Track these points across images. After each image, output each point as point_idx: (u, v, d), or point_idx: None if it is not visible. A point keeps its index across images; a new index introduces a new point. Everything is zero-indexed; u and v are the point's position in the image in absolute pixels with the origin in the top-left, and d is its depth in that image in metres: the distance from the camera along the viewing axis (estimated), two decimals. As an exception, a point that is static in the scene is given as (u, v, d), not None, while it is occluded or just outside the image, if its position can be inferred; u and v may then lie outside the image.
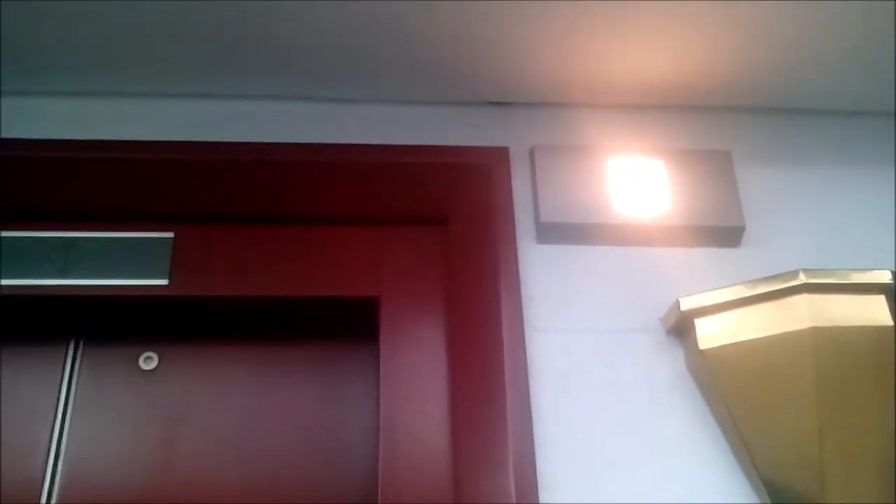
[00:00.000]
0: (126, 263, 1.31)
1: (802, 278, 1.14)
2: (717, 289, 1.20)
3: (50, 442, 1.27)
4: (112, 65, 1.34)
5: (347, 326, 1.34)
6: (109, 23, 1.24)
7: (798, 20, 1.26)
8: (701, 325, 1.20)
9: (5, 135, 1.34)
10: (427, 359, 1.26)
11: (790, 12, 1.24)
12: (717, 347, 1.18)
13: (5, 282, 1.28)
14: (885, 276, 1.15)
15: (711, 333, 1.19)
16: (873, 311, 1.13)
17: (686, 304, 1.21)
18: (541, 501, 1.13)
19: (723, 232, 1.34)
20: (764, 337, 1.15)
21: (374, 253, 1.34)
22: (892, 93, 1.42)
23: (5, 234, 1.31)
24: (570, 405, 1.21)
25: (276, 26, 1.25)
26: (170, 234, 1.33)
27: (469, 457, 1.17)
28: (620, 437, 1.19)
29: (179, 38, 1.28)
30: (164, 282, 1.30)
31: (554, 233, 1.32)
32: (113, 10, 1.21)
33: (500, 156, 1.38)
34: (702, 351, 1.18)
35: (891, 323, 1.12)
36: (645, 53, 1.33)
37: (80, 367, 1.33)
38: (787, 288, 1.15)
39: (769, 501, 1.14)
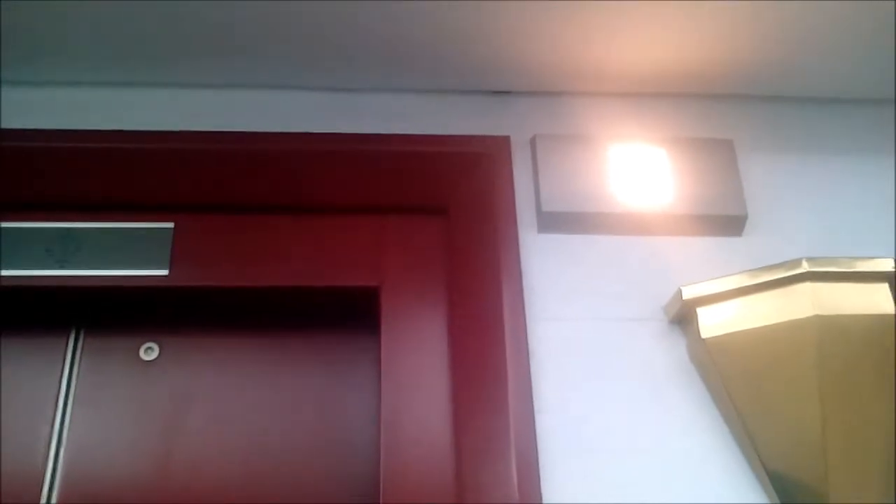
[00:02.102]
0: (126, 253, 1.30)
1: (805, 267, 1.14)
2: (720, 277, 1.19)
3: (51, 432, 1.26)
4: (111, 55, 1.33)
5: (348, 316, 1.34)
6: (108, 13, 1.24)
7: (799, 8, 1.25)
8: (703, 313, 1.19)
9: (4, 125, 1.34)
10: (428, 348, 1.26)
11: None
12: (720, 336, 1.17)
13: (5, 272, 1.28)
14: (887, 265, 1.15)
15: (714, 322, 1.18)
16: (876, 299, 1.13)
17: (688, 292, 1.20)
18: (542, 489, 1.13)
19: (725, 221, 1.33)
20: (767, 325, 1.15)
21: (375, 242, 1.33)
22: (893, 80, 1.41)
23: (5, 224, 1.31)
24: (572, 394, 1.21)
25: (276, 16, 1.25)
26: (170, 224, 1.33)
27: (471, 445, 1.17)
28: (622, 427, 1.19)
29: (178, 27, 1.27)
30: (165, 272, 1.29)
31: (555, 222, 1.31)
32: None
33: (501, 145, 1.37)
34: (704, 340, 1.18)
35: (893, 311, 1.12)
36: (646, 42, 1.33)
37: (80, 358, 1.33)
38: (789, 276, 1.15)
39: (772, 489, 1.14)
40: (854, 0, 1.24)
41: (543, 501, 1.13)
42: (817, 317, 1.12)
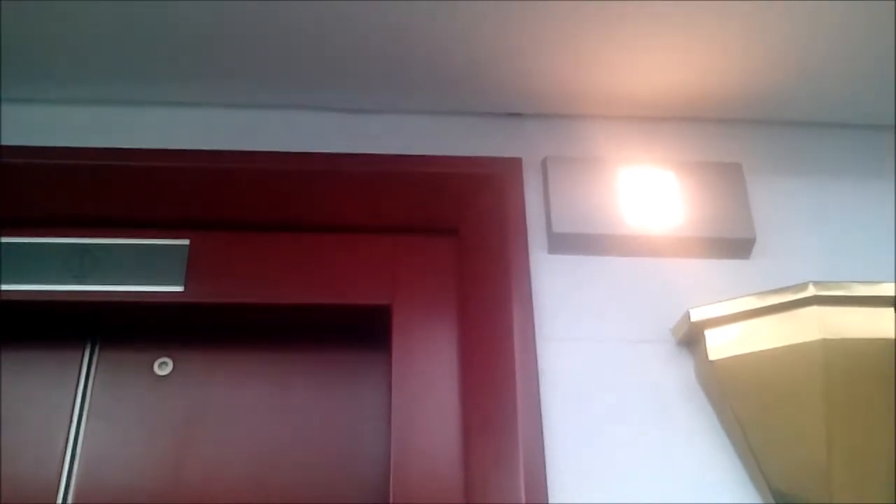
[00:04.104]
0: (142, 270, 1.32)
1: (812, 290, 1.15)
2: (728, 300, 1.20)
3: (66, 445, 1.28)
4: (127, 74, 1.35)
5: (360, 334, 1.36)
6: (123, 32, 1.26)
7: (808, 34, 1.27)
8: (711, 335, 1.20)
9: (19, 142, 1.35)
10: (438, 367, 1.27)
11: (800, 26, 1.25)
12: (727, 358, 1.18)
13: (22, 287, 1.30)
14: (893, 290, 1.15)
15: (721, 344, 1.19)
16: (882, 323, 1.14)
17: (696, 314, 1.21)
18: (550, 507, 1.14)
19: (733, 244, 1.34)
20: (773, 348, 1.15)
21: (386, 261, 1.35)
22: (899, 107, 1.43)
23: (23, 240, 1.33)
24: (581, 414, 1.22)
25: (291, 35, 1.27)
26: (185, 241, 1.35)
27: (480, 464, 1.18)
28: (630, 447, 1.20)
29: (193, 47, 1.29)
30: (180, 288, 1.31)
31: (566, 243, 1.33)
32: (125, 18, 1.23)
33: (512, 166, 1.39)
34: (712, 362, 1.19)
35: (899, 336, 1.13)
36: (657, 66, 1.34)
37: (95, 372, 1.35)
38: (797, 300, 1.15)
39: (777, 511, 1.15)
40: (861, 25, 1.25)
41: (551, 519, 1.14)
42: (824, 340, 1.12)
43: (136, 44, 1.29)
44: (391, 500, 1.18)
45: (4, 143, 1.35)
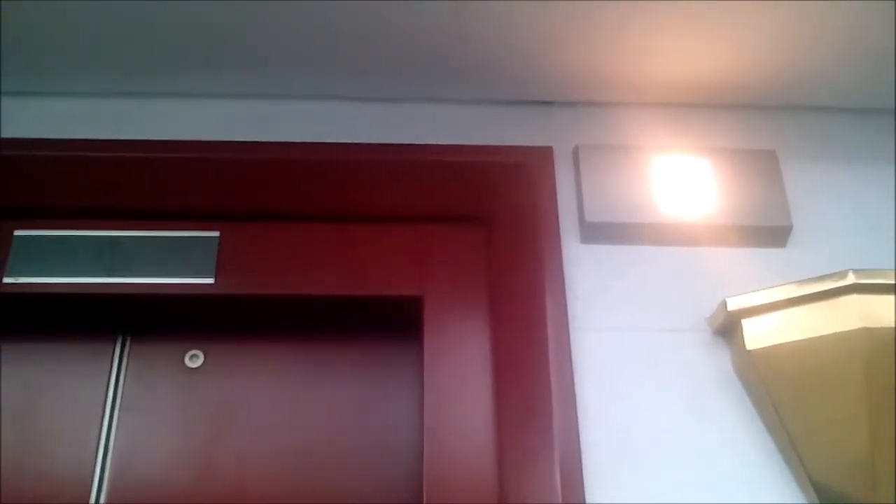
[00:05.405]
0: (172, 262, 1.32)
1: (852, 278, 1.13)
2: (765, 289, 1.19)
3: (98, 438, 1.28)
4: (158, 65, 1.35)
5: (391, 325, 1.35)
6: (154, 22, 1.25)
7: (843, 18, 1.25)
8: (748, 325, 1.19)
9: (49, 135, 1.35)
10: (471, 358, 1.26)
11: (835, 10, 1.23)
12: (765, 348, 1.16)
13: (53, 280, 1.30)
14: (936, 276, 1.13)
15: (759, 334, 1.18)
16: (924, 311, 1.12)
17: (733, 304, 1.20)
18: (586, 499, 1.13)
19: (769, 231, 1.32)
20: (813, 338, 1.14)
21: (417, 252, 1.34)
22: (940, 92, 1.40)
23: (53, 232, 1.33)
24: (616, 405, 1.20)
25: (320, 25, 1.26)
26: (216, 233, 1.34)
27: (514, 456, 1.17)
28: (666, 438, 1.19)
29: (222, 37, 1.29)
30: (210, 280, 1.31)
31: (598, 232, 1.31)
32: (154, 7, 1.23)
33: (543, 155, 1.37)
34: (749, 351, 1.17)
35: (941, 324, 1.11)
36: (689, 52, 1.32)
37: (127, 365, 1.35)
38: (836, 288, 1.13)
39: (818, 503, 1.13)
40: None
41: (587, 511, 1.13)
42: (864, 329, 1.11)
43: (166, 34, 1.28)
44: (425, 493, 1.17)
45: (35, 136, 1.35)
